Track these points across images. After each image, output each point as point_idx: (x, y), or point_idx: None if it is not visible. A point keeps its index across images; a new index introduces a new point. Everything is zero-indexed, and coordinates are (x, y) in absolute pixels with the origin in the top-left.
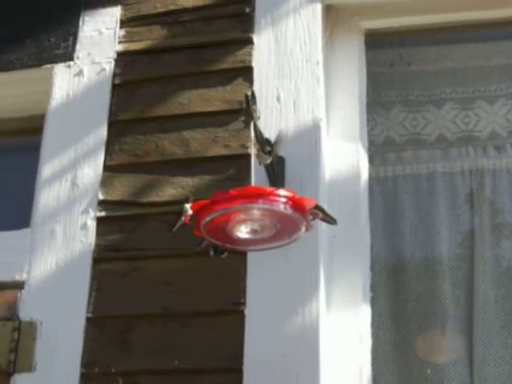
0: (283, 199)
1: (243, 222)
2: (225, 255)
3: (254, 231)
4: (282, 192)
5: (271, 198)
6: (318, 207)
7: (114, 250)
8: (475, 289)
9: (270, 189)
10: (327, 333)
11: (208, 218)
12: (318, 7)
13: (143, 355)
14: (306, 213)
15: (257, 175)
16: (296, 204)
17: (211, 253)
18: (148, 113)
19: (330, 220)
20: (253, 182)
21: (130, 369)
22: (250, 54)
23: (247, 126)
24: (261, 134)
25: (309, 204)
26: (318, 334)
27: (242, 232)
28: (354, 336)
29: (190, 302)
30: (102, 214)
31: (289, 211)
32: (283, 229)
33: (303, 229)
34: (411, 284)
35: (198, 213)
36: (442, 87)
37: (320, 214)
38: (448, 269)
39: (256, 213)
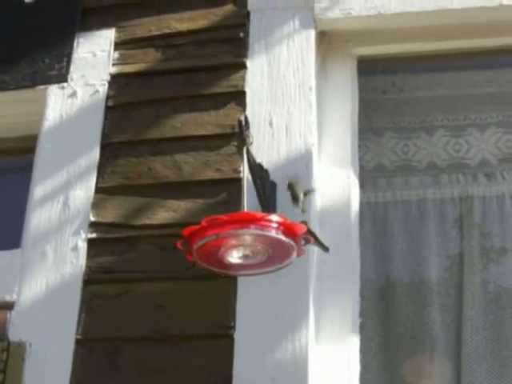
0: (275, 224)
1: (235, 247)
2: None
3: (245, 256)
4: (273, 217)
5: (262, 223)
6: (310, 232)
7: (105, 272)
8: (463, 315)
9: (261, 214)
10: (316, 358)
11: (200, 243)
12: (312, 33)
13: (133, 378)
14: (297, 238)
15: (249, 200)
16: (287, 229)
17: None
18: (141, 135)
19: (322, 247)
20: (245, 207)
21: None
22: (243, 79)
23: (240, 150)
24: (253, 158)
25: (300, 229)
26: (307, 358)
27: (234, 257)
28: (342, 361)
29: (180, 325)
30: (93, 235)
31: (280, 236)
32: (275, 254)
33: (295, 254)
34: (400, 309)
35: (190, 237)
36: (434, 114)
37: (312, 240)
38: (437, 294)
39: (248, 238)
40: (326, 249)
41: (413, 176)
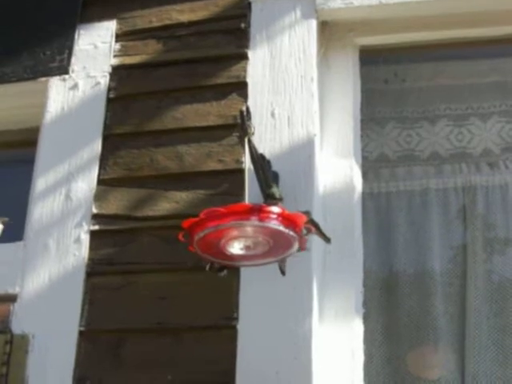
0: (273, 215)
1: (236, 238)
2: (224, 273)
3: (247, 247)
4: (271, 208)
5: (261, 214)
6: (312, 222)
7: (108, 264)
8: (467, 305)
9: (259, 205)
10: (320, 348)
11: (201, 235)
12: (314, 23)
13: (136, 370)
14: (298, 228)
15: (252, 190)
16: (286, 220)
17: (207, 267)
18: (143, 127)
19: (323, 237)
20: (247, 198)
21: (123, 383)
22: (245, 70)
23: (242, 141)
24: (255, 149)
25: (299, 219)
26: (311, 349)
27: (235, 248)
28: (346, 352)
29: (183, 317)
30: (96, 227)
31: (280, 227)
32: (276, 245)
33: (296, 245)
34: (403, 300)
35: (191, 229)
36: (436, 104)
37: (313, 229)
38: (440, 285)
39: (248, 229)
40: (327, 239)
41: (416, 166)
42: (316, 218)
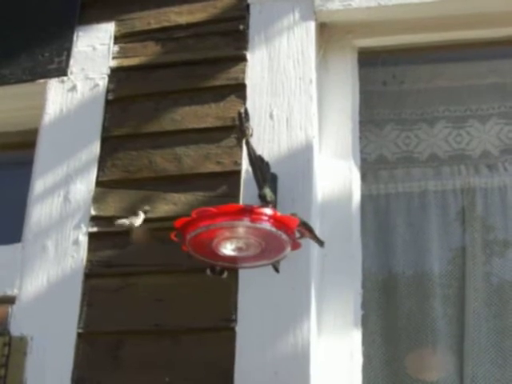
0: (265, 217)
1: (228, 239)
2: (225, 275)
3: (239, 249)
4: (263, 210)
5: (253, 215)
6: (305, 225)
7: (106, 266)
8: (466, 307)
9: (251, 206)
10: (318, 350)
11: (192, 234)
12: (312, 25)
13: (134, 372)
14: (290, 231)
15: (247, 192)
16: (278, 222)
17: (208, 271)
18: (141, 129)
19: (317, 241)
20: (241, 199)
21: None
22: (244, 71)
23: (240, 143)
24: (253, 151)
25: (291, 222)
26: (309, 351)
27: (228, 249)
28: (344, 353)
29: (181, 319)
30: (94, 229)
31: (272, 229)
32: (269, 247)
33: (289, 247)
34: (402, 301)
35: (184, 229)
36: (435, 106)
37: (307, 233)
38: (439, 286)
39: (239, 230)
40: (320, 243)
41: (414, 168)
42: (314, 220)
